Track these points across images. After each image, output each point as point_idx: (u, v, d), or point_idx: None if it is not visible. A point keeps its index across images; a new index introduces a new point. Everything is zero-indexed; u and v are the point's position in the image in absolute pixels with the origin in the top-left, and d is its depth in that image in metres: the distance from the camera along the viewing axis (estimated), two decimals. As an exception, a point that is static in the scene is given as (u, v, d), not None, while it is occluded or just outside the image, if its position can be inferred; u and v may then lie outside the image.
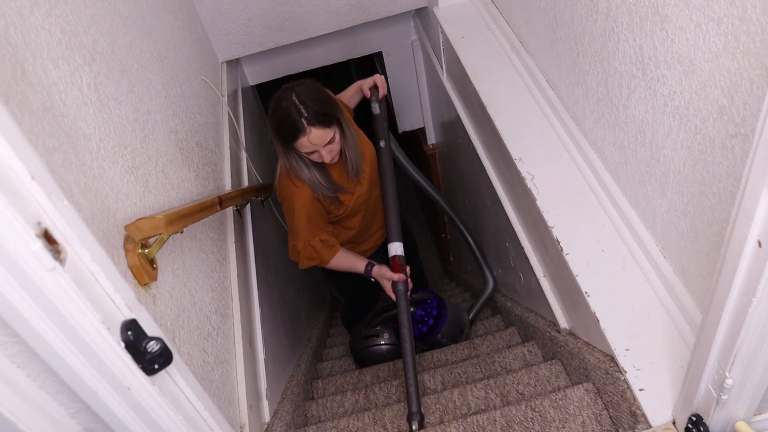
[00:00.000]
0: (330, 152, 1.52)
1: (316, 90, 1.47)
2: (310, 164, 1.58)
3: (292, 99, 1.42)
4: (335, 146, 1.52)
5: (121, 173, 1.05)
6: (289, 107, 1.42)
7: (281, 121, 1.45)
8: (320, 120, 1.43)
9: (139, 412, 0.76)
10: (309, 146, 1.47)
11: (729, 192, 0.95)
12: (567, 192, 1.52)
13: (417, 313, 2.17)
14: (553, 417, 1.30)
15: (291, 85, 1.47)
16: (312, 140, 1.45)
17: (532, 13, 1.71)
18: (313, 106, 1.42)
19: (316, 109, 1.42)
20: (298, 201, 1.62)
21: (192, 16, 2.16)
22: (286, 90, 1.46)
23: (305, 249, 1.70)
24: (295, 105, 1.42)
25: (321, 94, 1.48)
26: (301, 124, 1.42)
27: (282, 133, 1.47)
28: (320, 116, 1.43)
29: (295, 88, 1.45)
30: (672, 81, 1.03)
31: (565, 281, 1.46)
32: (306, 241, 1.69)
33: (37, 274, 0.59)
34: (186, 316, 1.18)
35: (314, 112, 1.42)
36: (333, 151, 1.53)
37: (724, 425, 0.92)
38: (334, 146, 1.52)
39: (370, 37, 2.93)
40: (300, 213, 1.64)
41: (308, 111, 1.41)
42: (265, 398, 1.58)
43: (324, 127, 1.44)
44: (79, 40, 1.02)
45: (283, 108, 1.43)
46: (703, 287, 1.13)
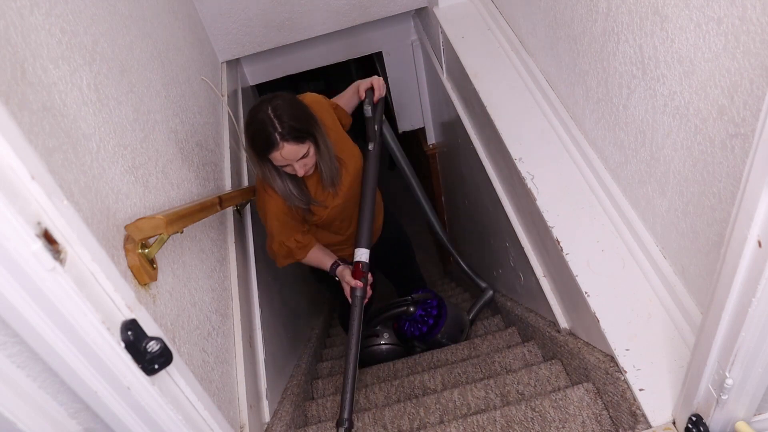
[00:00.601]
0: (304, 166, 1.51)
1: (293, 104, 1.47)
2: (284, 175, 1.58)
3: (267, 112, 1.42)
4: (309, 160, 1.52)
5: (121, 173, 1.05)
6: (264, 120, 1.41)
7: (255, 134, 1.45)
8: (294, 136, 1.43)
9: (139, 412, 0.76)
10: (282, 161, 1.47)
11: (729, 192, 0.95)
12: (567, 192, 1.52)
13: (417, 313, 2.17)
14: (553, 417, 1.30)
15: (267, 97, 1.47)
16: (285, 155, 1.45)
17: (532, 13, 1.71)
18: (288, 121, 1.42)
19: (291, 124, 1.42)
20: (270, 209, 1.63)
21: (192, 16, 2.16)
22: (263, 102, 1.45)
23: (280, 249, 1.72)
24: (270, 119, 1.41)
25: (297, 109, 1.47)
26: (274, 139, 1.41)
27: (256, 146, 1.47)
28: (294, 132, 1.43)
29: (271, 101, 1.45)
30: (672, 81, 1.03)
31: (565, 281, 1.46)
32: (280, 242, 1.70)
33: (37, 274, 0.59)
34: (186, 316, 1.18)
35: (289, 128, 1.42)
36: (307, 165, 1.53)
37: (724, 425, 0.92)
38: (308, 160, 1.52)
39: (370, 37, 2.93)
40: (272, 219, 1.65)
41: (282, 126, 1.41)
42: (265, 398, 1.58)
43: (297, 143, 1.44)
44: (79, 40, 1.02)
45: (258, 120, 1.43)
46: (703, 287, 1.13)
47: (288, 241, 1.70)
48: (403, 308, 2.20)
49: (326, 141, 1.57)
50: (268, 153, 1.45)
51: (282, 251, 1.72)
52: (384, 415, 1.55)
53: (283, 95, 1.49)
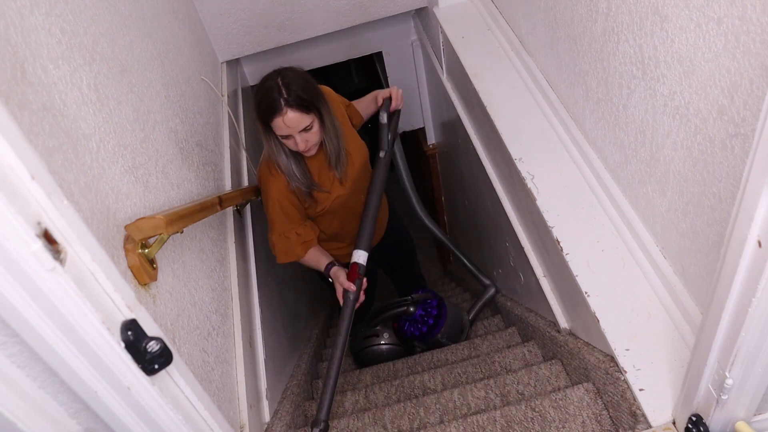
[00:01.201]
0: (306, 141, 1.50)
1: (303, 77, 1.48)
2: (289, 153, 1.57)
3: (276, 80, 1.43)
4: (312, 136, 1.51)
5: (121, 173, 1.05)
6: (272, 87, 1.43)
7: (262, 99, 1.45)
8: (298, 104, 1.43)
9: (139, 412, 0.76)
10: (284, 128, 1.46)
11: (729, 192, 0.95)
12: (567, 192, 1.52)
13: (417, 313, 2.17)
14: (553, 417, 1.30)
15: (279, 68, 1.48)
16: (287, 122, 1.44)
17: (532, 13, 1.71)
18: (295, 90, 1.42)
19: (297, 93, 1.43)
20: (272, 189, 1.62)
21: (192, 16, 2.16)
22: (273, 72, 1.47)
23: (279, 241, 1.69)
24: (277, 85, 1.42)
25: (306, 81, 1.48)
26: (278, 104, 1.42)
27: (260, 111, 1.47)
28: (299, 100, 1.43)
29: (282, 71, 1.46)
30: (672, 81, 1.03)
31: (565, 281, 1.46)
32: (281, 233, 1.67)
33: (37, 274, 0.59)
34: (186, 316, 1.18)
35: (295, 96, 1.42)
36: (309, 141, 1.51)
37: (724, 425, 0.92)
38: (310, 135, 1.50)
39: (370, 37, 2.93)
40: (274, 202, 1.63)
41: (289, 93, 1.42)
42: (265, 398, 1.58)
43: (301, 111, 1.44)
44: (79, 40, 1.02)
45: (266, 87, 1.44)
46: (703, 287, 1.13)
47: (289, 233, 1.68)
48: (403, 308, 2.20)
49: (333, 120, 1.56)
50: (271, 118, 1.44)
51: (282, 244, 1.69)
52: (384, 415, 1.55)
53: (294, 68, 1.50)
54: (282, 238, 1.68)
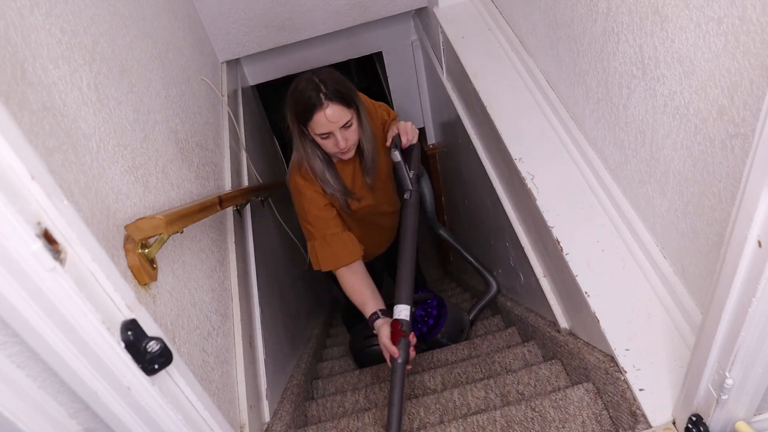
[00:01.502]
0: (346, 139, 1.44)
1: (336, 74, 1.45)
2: (323, 158, 1.53)
3: (311, 78, 1.40)
4: (351, 134, 1.45)
5: (121, 173, 1.05)
6: (308, 85, 1.39)
7: (298, 99, 1.41)
8: (338, 97, 1.39)
9: (139, 412, 0.76)
10: (325, 124, 1.40)
11: (729, 192, 0.95)
12: (567, 192, 1.52)
13: (417, 313, 2.17)
14: (553, 417, 1.30)
15: (312, 69, 1.46)
16: (329, 116, 1.38)
17: (532, 13, 1.71)
18: (332, 84, 1.39)
19: (335, 87, 1.39)
20: (308, 193, 1.55)
21: (192, 16, 2.16)
22: (306, 72, 1.44)
23: (321, 247, 1.57)
24: (314, 82, 1.39)
25: (342, 78, 1.45)
26: (318, 99, 1.38)
27: (298, 110, 1.42)
28: (339, 94, 1.39)
29: (315, 71, 1.44)
30: (672, 81, 1.03)
31: (565, 281, 1.46)
32: (322, 237, 1.57)
33: (37, 274, 0.59)
34: (186, 316, 1.18)
35: (333, 89, 1.39)
36: (349, 140, 1.45)
37: (724, 425, 0.92)
38: (350, 134, 1.45)
39: (370, 37, 2.94)
40: (311, 206, 1.55)
41: (327, 88, 1.38)
42: (265, 398, 1.58)
43: (342, 105, 1.39)
44: (79, 40, 1.02)
45: (301, 87, 1.40)
46: (703, 287, 1.13)
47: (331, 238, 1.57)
48: (403, 308, 2.19)
49: (368, 120, 1.52)
50: (311, 116, 1.39)
51: (324, 250, 1.57)
52: (384, 415, 1.55)
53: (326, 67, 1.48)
54: (324, 243, 1.58)
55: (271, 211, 2.50)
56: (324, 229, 1.57)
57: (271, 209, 2.50)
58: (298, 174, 1.57)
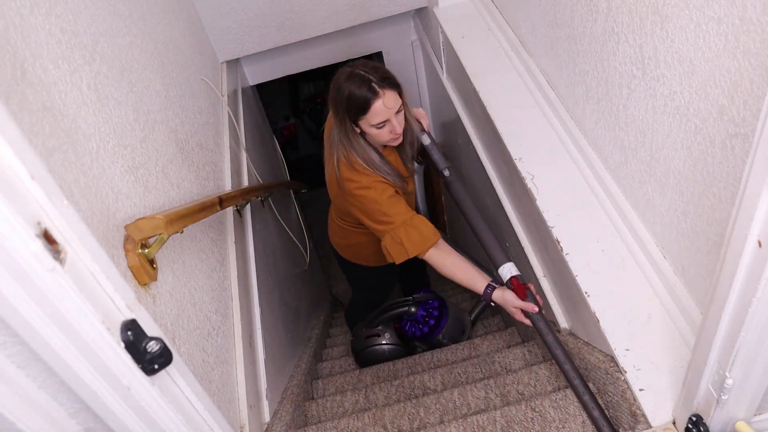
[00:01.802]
0: (401, 123, 1.45)
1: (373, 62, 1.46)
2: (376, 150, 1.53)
3: (356, 72, 1.39)
4: (401, 119, 1.46)
5: (121, 173, 1.05)
6: (360, 75, 1.39)
7: (352, 91, 1.39)
8: (389, 83, 1.39)
9: (138, 412, 0.76)
10: (383, 112, 1.40)
11: (729, 192, 0.95)
12: (567, 192, 1.52)
13: (418, 314, 2.17)
14: (553, 417, 1.30)
15: (351, 63, 1.45)
16: (387, 103, 1.39)
17: (532, 13, 1.71)
18: (379, 72, 1.40)
19: (384, 74, 1.40)
20: (373, 186, 1.51)
21: (192, 16, 2.16)
22: (346, 68, 1.43)
23: (407, 232, 1.49)
24: (363, 74, 1.39)
25: (380, 65, 1.46)
26: (374, 88, 1.37)
27: (354, 105, 1.41)
28: (390, 79, 1.40)
29: (354, 65, 1.43)
30: (672, 81, 1.03)
31: (565, 281, 1.46)
32: (403, 222, 1.49)
33: (37, 274, 0.59)
34: (186, 316, 1.18)
35: (383, 76, 1.39)
36: (402, 123, 1.46)
37: (724, 425, 0.92)
38: (401, 118, 1.45)
39: (370, 37, 2.93)
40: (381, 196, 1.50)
41: (378, 76, 1.38)
42: (265, 398, 1.58)
43: (395, 90, 1.41)
44: (79, 40, 1.02)
45: (352, 81, 1.39)
46: (703, 287, 1.13)
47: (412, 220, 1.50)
48: (404, 308, 2.20)
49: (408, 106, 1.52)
50: (368, 106, 1.39)
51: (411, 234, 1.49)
52: (384, 415, 1.55)
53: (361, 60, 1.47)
54: (408, 227, 1.49)
55: (271, 211, 2.50)
56: (403, 214, 1.51)
57: (271, 209, 2.50)
58: (353, 171, 1.53)
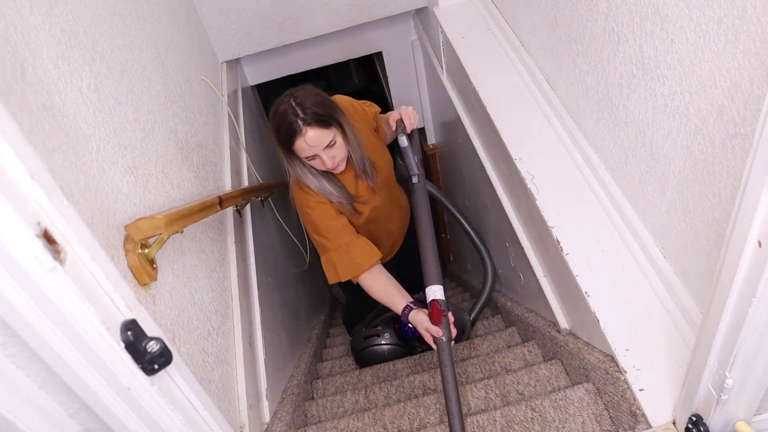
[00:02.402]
0: (332, 158, 1.44)
1: (314, 93, 1.44)
2: (317, 173, 1.52)
3: (289, 102, 1.39)
4: (338, 151, 1.45)
5: (121, 173, 1.05)
6: (286, 110, 1.39)
7: (279, 124, 1.41)
8: (317, 120, 1.38)
9: (138, 412, 0.76)
10: (307, 149, 1.41)
11: (729, 192, 0.95)
12: (567, 192, 1.52)
13: (417, 314, 2.17)
14: (553, 417, 1.30)
15: (290, 90, 1.45)
16: (309, 142, 1.39)
17: (532, 13, 1.71)
18: (310, 107, 1.38)
19: (313, 110, 1.38)
20: (313, 204, 1.54)
21: (192, 16, 2.16)
22: (285, 95, 1.43)
23: (340, 257, 1.54)
24: (291, 107, 1.38)
25: (319, 96, 1.43)
26: (297, 125, 1.38)
27: (280, 137, 1.43)
28: (317, 116, 1.38)
29: (292, 92, 1.42)
30: (672, 81, 1.03)
31: (565, 281, 1.46)
32: (337, 247, 1.54)
33: (36, 274, 0.59)
34: (186, 316, 1.18)
35: (311, 113, 1.38)
36: (336, 157, 1.45)
37: (724, 425, 0.92)
38: (336, 151, 1.45)
39: (370, 37, 2.93)
40: (320, 217, 1.53)
41: (304, 112, 1.38)
42: (265, 398, 1.58)
43: (322, 127, 1.39)
44: (79, 40, 1.02)
45: (281, 111, 1.40)
46: (703, 287, 1.13)
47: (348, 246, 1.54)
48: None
49: (354, 131, 1.51)
50: (292, 142, 1.40)
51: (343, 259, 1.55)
52: (384, 415, 1.55)
53: (305, 86, 1.46)
54: (341, 252, 1.55)
55: (271, 211, 2.50)
56: (338, 239, 1.55)
57: (271, 209, 2.50)
58: (300, 189, 1.56)
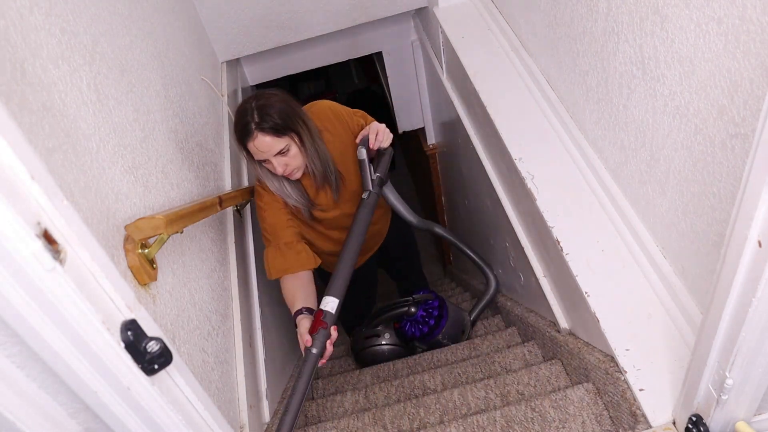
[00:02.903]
0: (284, 165, 1.45)
1: (281, 99, 1.43)
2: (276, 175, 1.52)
3: (251, 104, 1.40)
4: (291, 160, 1.46)
5: (121, 173, 1.05)
6: (246, 110, 1.40)
7: (236, 123, 1.43)
8: (270, 127, 1.38)
9: (138, 412, 0.76)
10: (258, 153, 1.43)
11: (729, 192, 0.95)
12: (567, 192, 1.52)
13: (418, 314, 2.17)
14: (553, 417, 1.30)
15: (258, 91, 1.46)
16: (258, 146, 1.40)
17: (532, 13, 1.71)
18: (269, 112, 1.39)
19: (270, 116, 1.38)
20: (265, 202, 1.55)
21: (192, 16, 2.16)
22: (251, 96, 1.44)
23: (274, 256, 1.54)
24: (251, 108, 1.39)
25: (283, 104, 1.42)
26: (249, 128, 1.39)
27: (236, 135, 1.44)
28: (272, 124, 1.38)
29: (258, 95, 1.43)
30: (672, 81, 1.03)
31: (565, 281, 1.46)
32: (277, 246, 1.55)
33: (36, 274, 0.59)
34: (186, 316, 1.18)
35: (267, 119, 1.38)
36: (289, 165, 1.46)
37: (724, 425, 0.92)
38: (289, 159, 1.45)
39: (370, 37, 2.93)
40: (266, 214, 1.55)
41: (261, 117, 1.38)
42: (265, 398, 1.58)
43: (273, 135, 1.39)
44: (79, 40, 1.02)
45: (241, 110, 1.41)
46: (703, 287, 1.13)
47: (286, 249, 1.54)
48: (404, 308, 2.20)
49: (315, 142, 1.49)
50: (244, 143, 1.42)
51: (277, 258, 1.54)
52: (384, 415, 1.55)
53: (276, 91, 1.46)
54: (277, 252, 1.55)
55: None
56: (278, 238, 1.55)
57: (271, 209, 2.50)
58: (259, 183, 1.58)
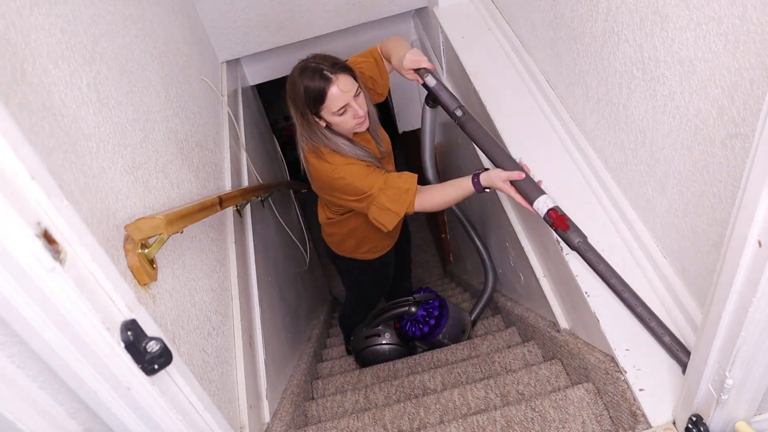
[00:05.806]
0: (361, 106, 1.49)
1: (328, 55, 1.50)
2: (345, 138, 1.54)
3: (307, 65, 1.45)
4: (362, 102, 1.49)
5: (121, 173, 1.05)
6: (314, 67, 1.44)
7: (307, 84, 1.44)
8: (343, 67, 1.45)
9: (138, 412, 0.76)
10: (340, 96, 1.43)
11: (729, 192, 0.95)
12: (567, 192, 1.52)
13: (419, 314, 2.17)
14: (553, 417, 1.30)
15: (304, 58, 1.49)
16: (342, 87, 1.43)
17: (532, 13, 1.71)
18: (330, 59, 1.46)
19: (334, 61, 1.45)
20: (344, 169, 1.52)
21: (192, 16, 2.16)
22: (300, 62, 1.48)
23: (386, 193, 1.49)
24: (314, 65, 1.44)
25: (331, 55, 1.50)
26: (327, 76, 1.42)
27: (309, 98, 1.45)
28: (339, 65, 1.45)
29: (309, 57, 1.48)
30: (672, 81, 1.03)
31: (565, 281, 1.46)
32: (380, 186, 1.50)
33: (36, 274, 0.59)
34: (186, 316, 1.18)
35: (333, 63, 1.44)
36: (363, 107, 1.49)
37: (724, 425, 0.92)
38: (361, 101, 1.49)
39: (370, 37, 2.93)
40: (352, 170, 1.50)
41: (331, 63, 1.44)
42: (265, 398, 1.58)
43: (349, 74, 1.45)
44: (79, 40, 1.02)
45: (309, 69, 1.44)
46: (703, 287, 1.13)
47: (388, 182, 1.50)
48: (404, 308, 2.20)
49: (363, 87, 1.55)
50: (325, 95, 1.43)
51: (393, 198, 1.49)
52: (384, 415, 1.55)
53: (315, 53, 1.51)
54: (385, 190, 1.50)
55: (271, 211, 2.50)
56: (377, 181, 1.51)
57: (271, 209, 2.50)
58: (321, 159, 1.54)
